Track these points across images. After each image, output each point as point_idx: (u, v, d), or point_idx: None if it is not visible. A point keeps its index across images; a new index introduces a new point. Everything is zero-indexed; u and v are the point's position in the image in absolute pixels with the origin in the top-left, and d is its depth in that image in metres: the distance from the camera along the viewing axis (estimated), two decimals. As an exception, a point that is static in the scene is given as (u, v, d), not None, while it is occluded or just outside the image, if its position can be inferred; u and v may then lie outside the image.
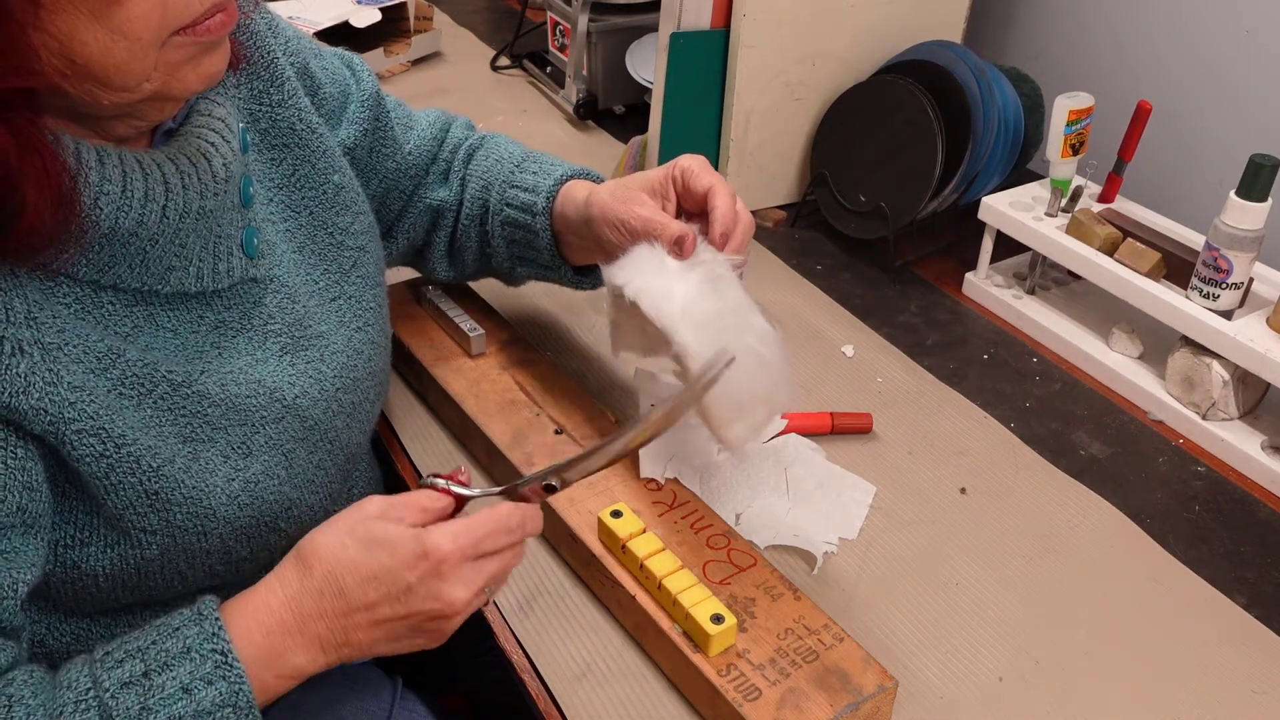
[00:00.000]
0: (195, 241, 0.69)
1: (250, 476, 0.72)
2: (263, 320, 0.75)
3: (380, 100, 0.94)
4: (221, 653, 0.61)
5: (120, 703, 0.59)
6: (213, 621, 0.62)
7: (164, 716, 0.59)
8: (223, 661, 0.61)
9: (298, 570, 0.66)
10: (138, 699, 0.59)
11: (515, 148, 0.99)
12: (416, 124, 0.99)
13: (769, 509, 0.90)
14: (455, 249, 1.01)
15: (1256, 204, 0.95)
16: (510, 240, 0.96)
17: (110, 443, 0.63)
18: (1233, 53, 1.25)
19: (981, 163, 1.21)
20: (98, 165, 0.62)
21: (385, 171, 0.95)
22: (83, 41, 0.57)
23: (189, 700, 0.60)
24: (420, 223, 1.00)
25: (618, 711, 0.75)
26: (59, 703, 0.59)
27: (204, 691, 0.60)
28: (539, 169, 0.94)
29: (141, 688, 0.60)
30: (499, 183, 0.96)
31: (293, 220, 0.81)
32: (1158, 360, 1.06)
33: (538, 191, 0.92)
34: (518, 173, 0.95)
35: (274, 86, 0.80)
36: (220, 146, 0.69)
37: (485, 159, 0.98)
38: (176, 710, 0.59)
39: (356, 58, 0.95)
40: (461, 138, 1.02)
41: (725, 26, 1.23)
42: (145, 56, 0.59)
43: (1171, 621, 0.84)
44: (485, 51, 1.74)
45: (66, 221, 0.59)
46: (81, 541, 0.66)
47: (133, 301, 0.67)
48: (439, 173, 1.00)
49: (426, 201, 0.99)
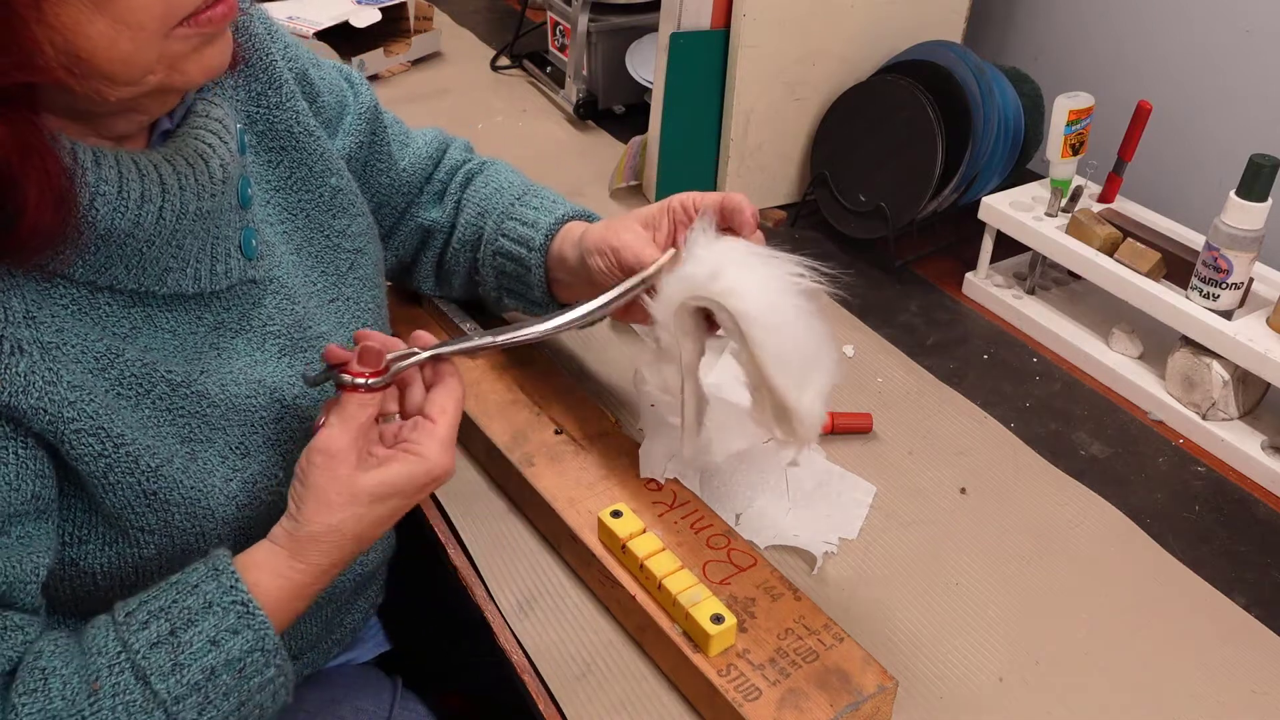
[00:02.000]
0: (193, 243, 0.69)
1: (248, 476, 0.72)
2: (261, 321, 0.75)
3: (378, 114, 0.94)
4: (242, 603, 0.64)
5: (152, 662, 0.62)
6: (229, 575, 0.65)
7: (196, 669, 0.62)
8: (244, 611, 0.64)
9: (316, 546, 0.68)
10: (168, 656, 0.62)
11: (516, 178, 0.99)
12: (413, 142, 1.00)
13: (769, 509, 0.90)
14: (443, 270, 1.02)
15: (1256, 204, 0.95)
16: (500, 271, 0.96)
17: (109, 442, 0.64)
18: (1233, 53, 1.25)
19: (981, 163, 1.21)
20: (94, 166, 0.61)
21: (378, 187, 0.96)
22: (86, 34, 0.56)
23: (218, 651, 0.63)
24: (410, 241, 1.01)
25: (618, 711, 0.75)
26: (92, 669, 0.61)
27: (231, 641, 0.63)
28: (540, 205, 0.94)
29: (170, 645, 0.62)
30: (496, 213, 0.96)
31: (290, 222, 0.81)
32: (1158, 360, 1.06)
33: (537, 227, 0.92)
34: (517, 205, 0.95)
35: (272, 89, 0.80)
36: (218, 148, 0.69)
37: (484, 186, 0.99)
38: (207, 662, 0.63)
39: (355, 73, 0.95)
40: (460, 160, 1.02)
41: (725, 26, 1.23)
42: (150, 48, 0.59)
43: (1171, 621, 0.84)
44: (485, 51, 1.74)
45: (65, 222, 0.59)
46: (80, 539, 0.67)
47: (130, 302, 0.67)
48: (433, 193, 1.01)
49: (418, 220, 1.00)
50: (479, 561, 0.86)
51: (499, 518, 0.91)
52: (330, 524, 0.67)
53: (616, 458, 0.90)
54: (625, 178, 1.35)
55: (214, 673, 0.63)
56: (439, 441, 0.70)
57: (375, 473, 0.68)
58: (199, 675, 0.62)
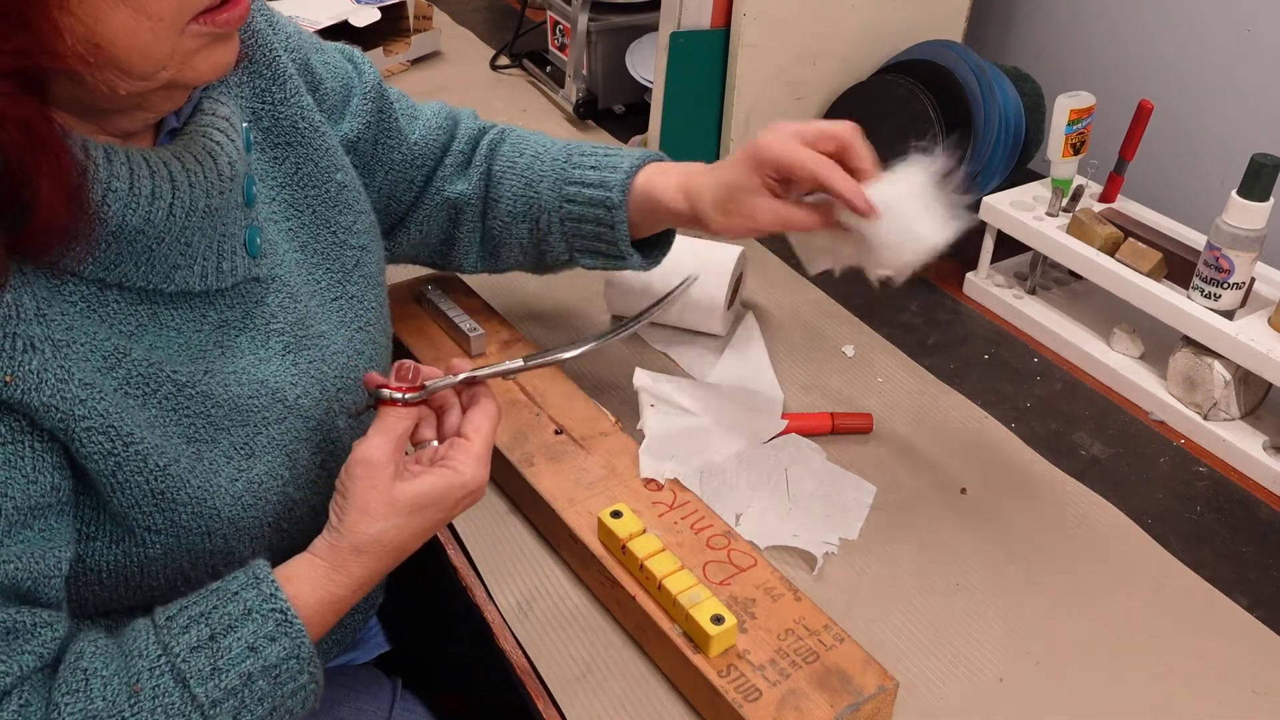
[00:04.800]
0: (200, 240, 0.69)
1: (254, 477, 0.72)
2: (265, 320, 0.75)
3: (383, 92, 0.93)
4: (281, 611, 0.65)
5: (192, 666, 0.62)
6: (269, 583, 0.66)
7: (234, 674, 0.63)
8: (283, 619, 0.65)
9: (357, 558, 0.69)
10: (208, 661, 0.63)
11: (548, 140, 0.99)
12: (421, 114, 0.99)
13: (769, 509, 0.89)
14: (490, 245, 1.00)
15: (1258, 203, 0.95)
16: (576, 234, 0.95)
17: (119, 440, 0.64)
18: (1234, 52, 1.25)
19: (982, 162, 1.21)
20: (106, 162, 0.62)
21: (391, 163, 0.95)
22: (107, 23, 0.57)
23: (256, 658, 0.64)
24: (436, 216, 0.99)
25: (618, 712, 0.75)
26: (133, 671, 0.62)
27: (269, 648, 0.64)
28: (597, 162, 0.94)
29: (210, 650, 0.63)
30: (550, 179, 0.95)
31: (295, 219, 0.81)
32: (1159, 360, 1.06)
33: (609, 187, 0.92)
34: (570, 168, 0.94)
35: (276, 85, 0.80)
36: (225, 145, 0.69)
37: (518, 155, 0.97)
38: (245, 668, 0.63)
39: (357, 51, 0.94)
40: (476, 129, 1.01)
41: (725, 26, 1.23)
42: (165, 40, 0.60)
43: (1173, 622, 0.84)
44: (485, 51, 1.73)
45: (78, 218, 0.60)
46: (87, 536, 0.67)
47: (137, 300, 0.67)
48: (455, 165, 0.99)
49: (444, 195, 0.98)
50: (479, 561, 0.86)
51: (499, 518, 0.91)
52: (371, 534, 0.69)
53: (616, 458, 0.90)
54: (625, 177, 1.34)
55: (251, 678, 0.63)
56: (474, 457, 0.72)
57: (413, 483, 0.70)
58: (236, 680, 0.63)
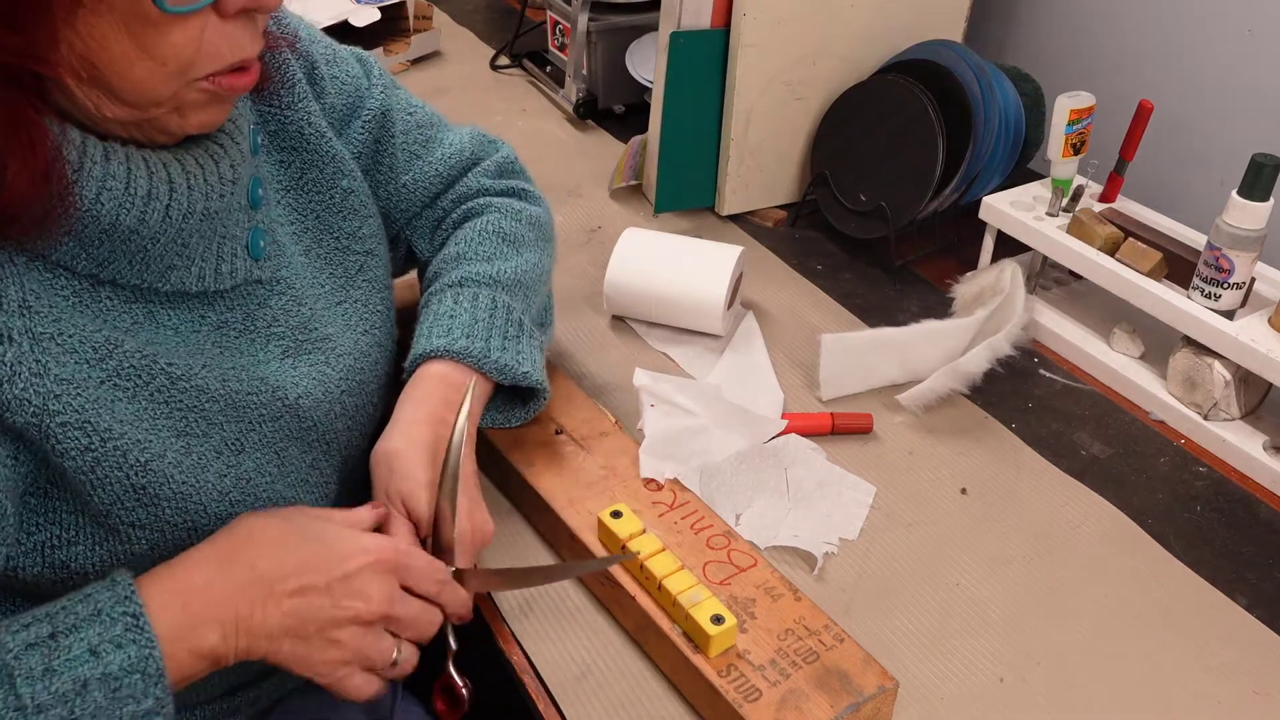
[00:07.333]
0: (198, 242, 0.69)
1: (242, 473, 0.72)
2: (266, 323, 0.75)
3: (386, 121, 0.90)
4: (132, 615, 0.59)
5: (23, 663, 0.56)
6: (125, 585, 0.60)
7: (68, 679, 0.56)
8: (133, 624, 0.59)
9: (229, 544, 0.66)
10: (41, 660, 0.57)
11: (472, 247, 0.91)
12: (429, 154, 0.94)
13: (769, 509, 0.89)
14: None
15: (1258, 204, 0.95)
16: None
17: (96, 436, 0.63)
18: (1234, 52, 1.25)
19: (982, 162, 1.21)
20: (103, 160, 0.62)
21: (377, 195, 0.91)
22: (108, 51, 0.58)
23: (96, 663, 0.57)
24: (398, 260, 0.97)
25: (618, 712, 0.75)
26: None
27: (112, 655, 0.58)
28: (424, 321, 0.87)
29: (47, 649, 0.57)
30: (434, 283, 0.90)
31: (300, 223, 0.81)
32: (1159, 360, 1.06)
33: (415, 343, 0.86)
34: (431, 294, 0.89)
35: (285, 88, 0.79)
36: (230, 148, 0.69)
37: (454, 245, 0.92)
38: (82, 673, 0.57)
39: (375, 63, 0.91)
40: (473, 189, 0.96)
41: (725, 26, 1.22)
42: (164, 85, 0.60)
43: (1172, 622, 0.84)
44: (485, 51, 1.73)
45: (46, 198, 0.59)
46: (69, 541, 0.66)
47: (132, 298, 0.67)
48: (431, 221, 0.96)
49: (410, 242, 0.96)
50: (479, 561, 0.86)
51: (499, 518, 0.90)
52: (262, 525, 0.67)
53: (616, 458, 0.90)
54: (625, 177, 1.34)
55: (86, 686, 0.57)
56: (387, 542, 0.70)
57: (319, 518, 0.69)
58: (69, 685, 0.56)
